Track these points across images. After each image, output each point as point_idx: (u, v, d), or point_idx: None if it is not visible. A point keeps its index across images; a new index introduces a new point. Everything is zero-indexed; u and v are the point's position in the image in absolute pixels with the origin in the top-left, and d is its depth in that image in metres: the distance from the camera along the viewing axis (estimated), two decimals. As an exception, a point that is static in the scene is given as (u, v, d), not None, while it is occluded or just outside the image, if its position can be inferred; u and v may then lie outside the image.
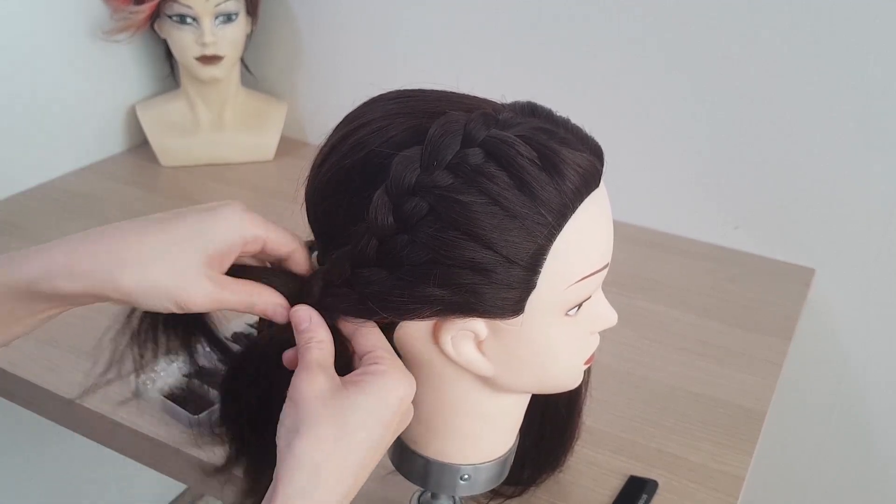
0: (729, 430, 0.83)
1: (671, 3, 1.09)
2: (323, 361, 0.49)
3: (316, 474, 0.45)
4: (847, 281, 1.12)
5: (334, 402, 0.47)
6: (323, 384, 0.48)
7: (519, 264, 0.46)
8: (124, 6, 1.26)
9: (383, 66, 1.34)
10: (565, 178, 0.46)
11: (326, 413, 0.46)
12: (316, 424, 0.46)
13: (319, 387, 0.47)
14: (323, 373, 0.48)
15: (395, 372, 0.49)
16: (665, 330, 0.99)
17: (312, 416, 0.46)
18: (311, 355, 0.49)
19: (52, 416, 0.88)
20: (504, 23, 1.21)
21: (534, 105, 0.51)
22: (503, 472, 0.61)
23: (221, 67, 1.31)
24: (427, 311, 0.48)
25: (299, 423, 0.46)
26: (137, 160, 1.39)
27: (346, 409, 0.47)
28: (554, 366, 0.53)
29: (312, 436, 0.46)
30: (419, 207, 0.46)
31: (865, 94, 1.02)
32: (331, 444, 0.46)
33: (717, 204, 1.17)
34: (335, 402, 0.47)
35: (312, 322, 0.50)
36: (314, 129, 1.47)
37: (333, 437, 0.46)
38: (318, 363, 0.49)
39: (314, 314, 0.51)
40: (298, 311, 0.51)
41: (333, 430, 0.46)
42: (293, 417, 0.47)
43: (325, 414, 0.46)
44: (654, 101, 1.15)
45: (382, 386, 0.48)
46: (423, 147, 0.46)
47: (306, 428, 0.46)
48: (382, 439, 0.48)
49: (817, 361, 1.18)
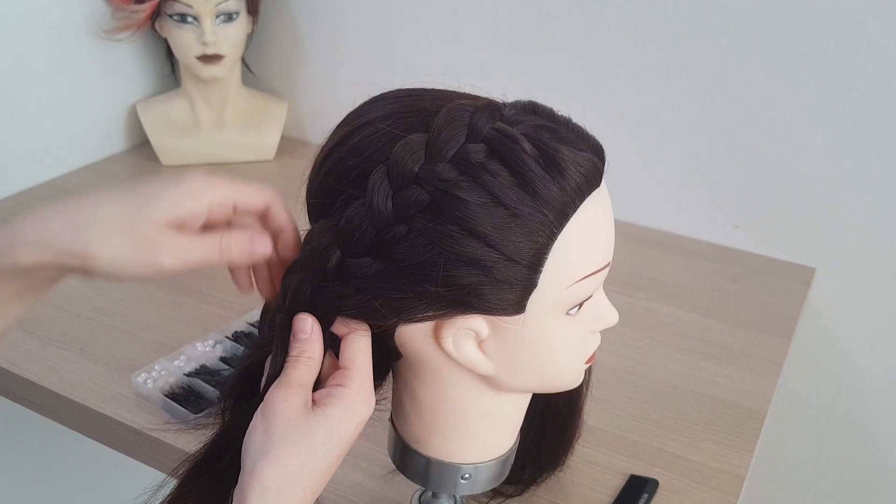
0: (729, 429, 0.83)
1: (671, 4, 1.09)
2: (303, 380, 0.49)
3: (280, 497, 0.46)
4: (847, 281, 1.12)
5: (303, 427, 0.47)
6: (296, 405, 0.48)
7: (520, 263, 0.46)
8: (125, 5, 1.26)
9: (384, 66, 1.34)
10: (567, 177, 0.46)
11: (295, 437, 0.47)
12: (285, 451, 0.47)
13: (293, 407, 0.48)
14: (300, 393, 0.49)
15: (360, 396, 0.49)
16: (666, 329, 0.99)
17: (282, 440, 0.47)
18: (296, 372, 0.49)
19: (53, 416, 0.88)
20: (505, 22, 1.21)
21: (535, 104, 0.51)
22: (504, 471, 0.61)
23: (222, 67, 1.31)
24: (427, 310, 0.48)
25: (269, 446, 0.47)
26: (138, 160, 1.40)
27: (313, 434, 0.48)
28: (555, 365, 0.53)
29: (280, 463, 0.46)
30: (420, 198, 0.45)
31: (865, 93, 1.02)
32: (297, 470, 0.47)
33: (717, 203, 1.17)
34: (304, 427, 0.47)
35: (311, 335, 0.50)
36: (315, 129, 1.47)
37: (300, 463, 0.47)
38: (299, 382, 0.49)
39: (316, 328, 0.50)
40: (301, 319, 0.50)
41: (301, 457, 0.47)
42: (262, 438, 0.47)
43: (293, 438, 0.47)
44: (656, 100, 1.15)
45: (347, 410, 0.49)
46: (428, 135, 0.46)
47: (275, 454, 0.47)
48: (339, 459, 0.50)
49: (817, 361, 1.18)
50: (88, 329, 0.94)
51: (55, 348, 0.91)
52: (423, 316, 0.49)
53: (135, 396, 0.83)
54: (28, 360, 0.89)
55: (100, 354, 0.90)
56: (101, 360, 0.89)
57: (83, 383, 0.86)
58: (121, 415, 0.81)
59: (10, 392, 0.90)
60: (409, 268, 0.47)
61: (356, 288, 0.48)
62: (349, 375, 0.50)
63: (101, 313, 0.97)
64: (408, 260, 0.46)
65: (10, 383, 0.88)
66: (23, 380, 0.87)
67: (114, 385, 0.85)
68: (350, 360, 0.50)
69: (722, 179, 1.15)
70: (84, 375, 0.87)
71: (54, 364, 0.88)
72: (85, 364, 0.88)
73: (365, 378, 0.50)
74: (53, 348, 0.91)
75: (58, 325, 0.95)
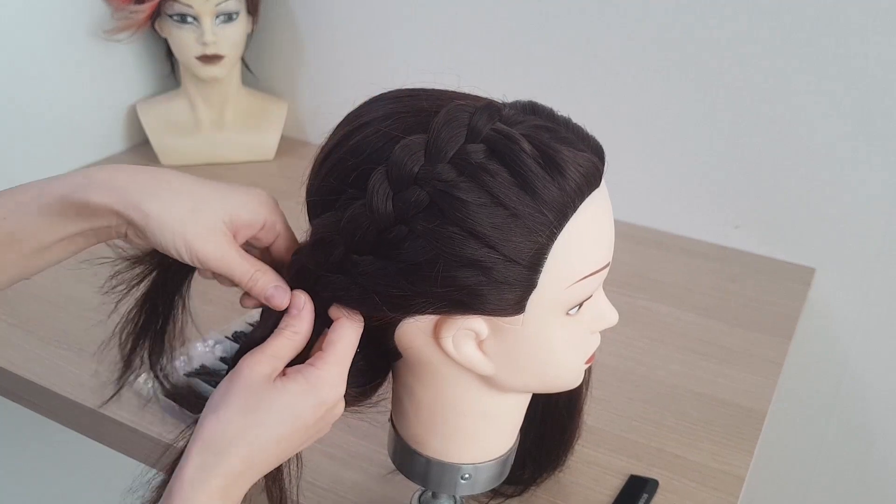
0: (729, 429, 0.83)
1: (671, 4, 1.09)
2: (280, 353, 0.50)
3: (219, 455, 0.46)
4: (847, 281, 1.12)
5: (256, 394, 0.48)
6: (261, 372, 0.49)
7: (520, 263, 0.46)
8: (125, 5, 1.26)
9: (384, 65, 1.34)
10: (567, 177, 0.46)
11: (244, 402, 0.48)
12: (229, 411, 0.47)
13: (257, 374, 0.48)
14: (270, 363, 0.49)
15: (326, 376, 0.50)
16: (665, 329, 0.99)
17: (233, 399, 0.48)
18: (275, 343, 0.50)
19: (53, 416, 0.88)
20: (504, 22, 1.21)
21: (535, 104, 0.51)
22: (504, 471, 0.61)
23: (222, 67, 1.31)
24: (427, 308, 0.48)
25: (221, 404, 0.48)
26: (138, 159, 1.39)
27: (265, 400, 0.48)
28: (555, 365, 0.53)
29: (224, 421, 0.47)
30: (420, 198, 0.46)
31: (865, 93, 1.02)
32: (238, 431, 0.47)
33: (717, 203, 1.17)
34: (257, 394, 0.48)
35: (302, 312, 0.51)
36: (315, 129, 1.47)
37: (244, 426, 0.47)
38: (273, 352, 0.50)
39: (308, 305, 0.51)
40: (295, 296, 0.52)
41: (244, 419, 0.47)
42: (219, 396, 0.49)
43: (242, 402, 0.48)
44: (655, 100, 1.15)
45: (309, 388, 0.49)
46: (428, 136, 0.46)
47: (223, 412, 0.47)
48: (294, 435, 0.49)
49: (817, 361, 1.18)
50: (88, 329, 0.94)
51: (55, 348, 0.91)
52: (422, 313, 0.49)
53: (135, 396, 0.83)
54: (28, 360, 0.89)
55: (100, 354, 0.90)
56: (101, 360, 0.89)
57: (83, 383, 0.86)
58: (121, 415, 0.81)
59: (10, 392, 0.90)
60: (409, 268, 0.47)
61: (357, 282, 0.49)
62: (323, 357, 0.50)
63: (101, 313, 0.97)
64: (408, 260, 0.46)
65: (10, 383, 0.88)
66: (23, 380, 0.87)
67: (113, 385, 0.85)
68: (331, 344, 0.51)
69: (722, 179, 1.15)
70: (84, 375, 0.87)
71: (54, 364, 0.88)
72: (85, 364, 0.88)
73: (338, 363, 0.50)
74: (53, 348, 0.91)
75: (58, 325, 0.95)
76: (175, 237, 0.50)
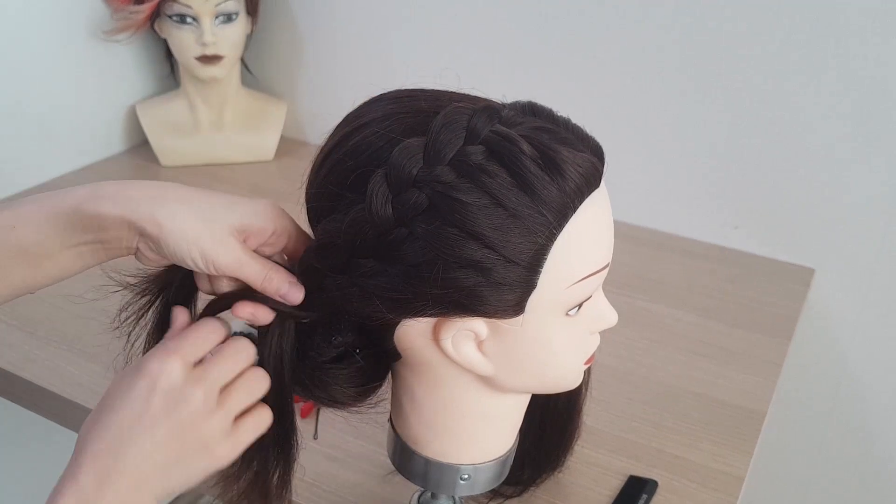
0: (729, 430, 0.83)
1: (671, 4, 1.09)
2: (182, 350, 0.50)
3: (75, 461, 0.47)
4: (847, 281, 1.12)
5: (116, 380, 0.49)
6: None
7: (519, 264, 0.46)
8: (124, 6, 1.26)
9: (383, 66, 1.34)
10: (566, 178, 0.46)
11: (109, 387, 0.49)
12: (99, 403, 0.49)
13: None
14: (175, 358, 0.49)
15: (156, 352, 0.49)
16: (665, 330, 0.99)
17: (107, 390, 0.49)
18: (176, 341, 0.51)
19: (53, 416, 0.88)
20: (504, 23, 1.21)
21: (534, 105, 0.51)
22: (503, 472, 0.61)
23: (221, 67, 1.31)
24: (426, 309, 0.48)
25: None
26: (137, 160, 1.39)
27: (112, 388, 0.49)
28: (554, 366, 0.53)
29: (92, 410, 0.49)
30: (419, 201, 0.46)
31: (865, 95, 1.02)
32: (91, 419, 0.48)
33: (717, 204, 1.17)
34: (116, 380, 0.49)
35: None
36: (314, 129, 1.47)
37: (95, 411, 0.48)
38: (177, 351, 0.49)
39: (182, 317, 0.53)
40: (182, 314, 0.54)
41: (98, 407, 0.48)
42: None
43: (109, 388, 0.49)
44: (655, 101, 1.15)
45: (138, 365, 0.49)
46: (426, 138, 0.46)
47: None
48: (142, 417, 0.47)
49: (817, 361, 1.18)
50: (88, 329, 0.94)
51: (55, 348, 0.91)
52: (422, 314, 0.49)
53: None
54: (28, 360, 0.89)
55: (100, 355, 0.90)
56: (101, 360, 0.89)
57: (83, 383, 0.86)
58: (120, 415, 0.81)
59: (10, 392, 0.90)
60: (408, 270, 0.47)
61: (358, 284, 0.49)
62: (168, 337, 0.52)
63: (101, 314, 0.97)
64: (408, 262, 0.47)
65: (10, 383, 0.88)
66: (23, 380, 0.87)
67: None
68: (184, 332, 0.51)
69: (721, 180, 1.15)
70: (84, 375, 0.87)
71: (54, 364, 0.88)
72: (85, 364, 0.88)
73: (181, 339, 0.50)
74: (53, 348, 0.91)
75: (58, 325, 0.95)
76: (190, 246, 0.51)
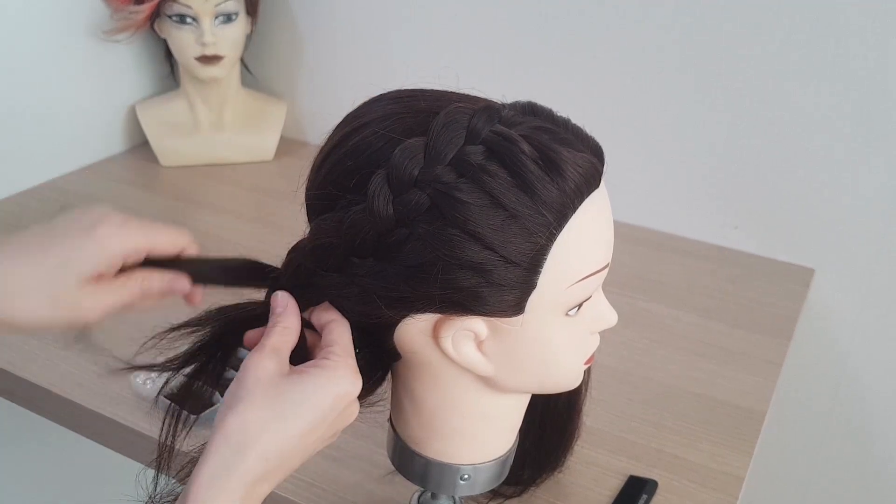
0: (729, 430, 0.83)
1: (671, 4, 1.09)
2: (280, 347, 0.50)
3: (240, 452, 0.46)
4: (847, 281, 1.12)
5: (273, 387, 0.48)
6: (270, 368, 0.49)
7: (519, 264, 0.46)
8: (124, 6, 1.26)
9: (383, 66, 1.34)
10: (566, 178, 0.46)
11: (261, 395, 0.47)
12: (249, 404, 0.47)
13: (265, 370, 0.48)
14: (274, 358, 0.49)
15: (341, 369, 0.49)
16: (665, 330, 0.99)
17: (248, 395, 0.47)
18: (271, 339, 0.50)
19: (52, 416, 0.88)
20: (504, 23, 1.21)
21: (534, 105, 0.51)
22: (503, 472, 0.61)
23: (221, 67, 1.31)
24: (426, 309, 0.48)
25: (236, 400, 0.47)
26: (137, 160, 1.40)
27: (282, 395, 0.48)
28: (554, 366, 0.53)
29: (243, 415, 0.47)
30: (420, 201, 0.46)
31: (864, 95, 1.02)
32: (259, 426, 0.47)
33: (717, 204, 1.17)
34: (274, 387, 0.48)
35: (287, 309, 0.52)
36: (314, 129, 1.47)
37: (263, 419, 0.47)
38: (274, 348, 0.50)
39: (291, 302, 0.52)
40: (277, 296, 0.52)
41: (264, 412, 0.47)
42: (233, 394, 0.48)
43: (260, 396, 0.47)
44: (655, 101, 1.15)
45: (326, 379, 0.49)
46: (427, 139, 0.46)
47: (241, 406, 0.47)
48: (315, 430, 0.49)
49: (816, 362, 1.18)
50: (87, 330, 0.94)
51: (55, 348, 0.91)
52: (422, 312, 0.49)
53: (134, 397, 0.83)
54: (28, 360, 0.89)
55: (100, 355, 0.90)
56: (101, 360, 0.89)
57: (83, 383, 0.86)
58: (120, 415, 0.81)
59: (10, 392, 0.90)
60: (409, 270, 0.47)
61: (356, 282, 0.49)
62: (333, 350, 0.50)
63: (100, 314, 0.97)
64: (408, 262, 0.47)
65: (10, 383, 0.88)
66: (23, 380, 0.87)
67: (113, 386, 0.85)
68: (334, 342, 0.51)
69: (721, 180, 1.15)
70: (84, 375, 0.87)
71: (54, 364, 0.88)
72: (85, 364, 0.88)
73: (348, 354, 0.51)
74: (53, 348, 0.91)
75: (57, 326, 0.95)
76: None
